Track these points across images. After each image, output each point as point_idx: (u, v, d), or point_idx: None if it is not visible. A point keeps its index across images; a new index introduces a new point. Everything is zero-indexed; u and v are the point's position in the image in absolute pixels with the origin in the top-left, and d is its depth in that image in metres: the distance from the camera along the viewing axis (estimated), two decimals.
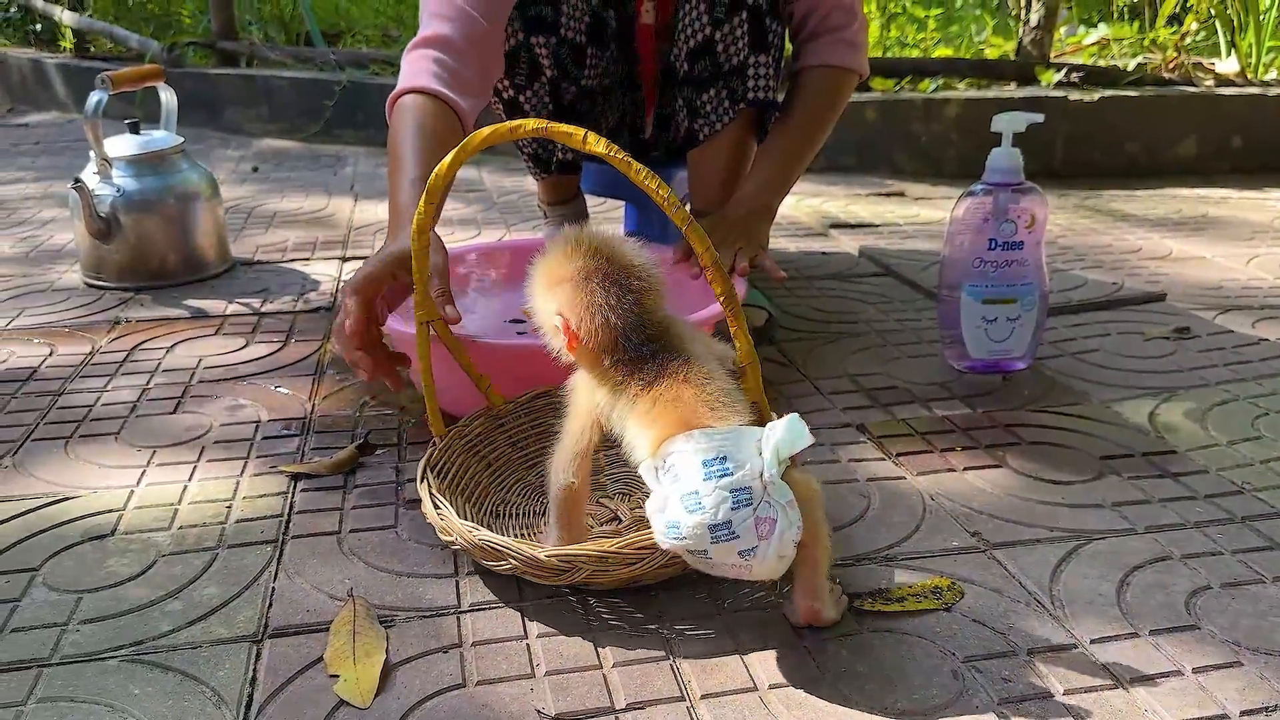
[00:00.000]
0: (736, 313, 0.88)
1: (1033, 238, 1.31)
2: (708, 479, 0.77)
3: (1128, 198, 2.38)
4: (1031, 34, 2.80)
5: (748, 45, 1.41)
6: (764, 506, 0.77)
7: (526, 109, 1.49)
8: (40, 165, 2.95)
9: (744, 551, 0.77)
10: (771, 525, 0.77)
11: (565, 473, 0.90)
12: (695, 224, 0.85)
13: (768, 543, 0.77)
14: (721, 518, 0.76)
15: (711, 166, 1.52)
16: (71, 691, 0.80)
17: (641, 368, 0.85)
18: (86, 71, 3.74)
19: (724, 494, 0.76)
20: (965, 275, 1.34)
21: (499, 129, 0.88)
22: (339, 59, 3.36)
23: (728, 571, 0.80)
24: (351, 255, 1.99)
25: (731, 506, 0.76)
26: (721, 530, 0.76)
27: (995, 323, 1.34)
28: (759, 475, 0.77)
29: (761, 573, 0.79)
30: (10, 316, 1.66)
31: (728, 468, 0.77)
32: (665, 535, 0.79)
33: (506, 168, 2.80)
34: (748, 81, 1.42)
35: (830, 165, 2.67)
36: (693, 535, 0.77)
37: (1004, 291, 1.32)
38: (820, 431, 1.22)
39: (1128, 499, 1.06)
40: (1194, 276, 1.78)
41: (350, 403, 1.32)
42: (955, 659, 0.82)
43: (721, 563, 0.78)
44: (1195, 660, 0.82)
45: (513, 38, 1.41)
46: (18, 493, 1.10)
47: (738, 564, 0.78)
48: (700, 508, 0.77)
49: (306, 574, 0.95)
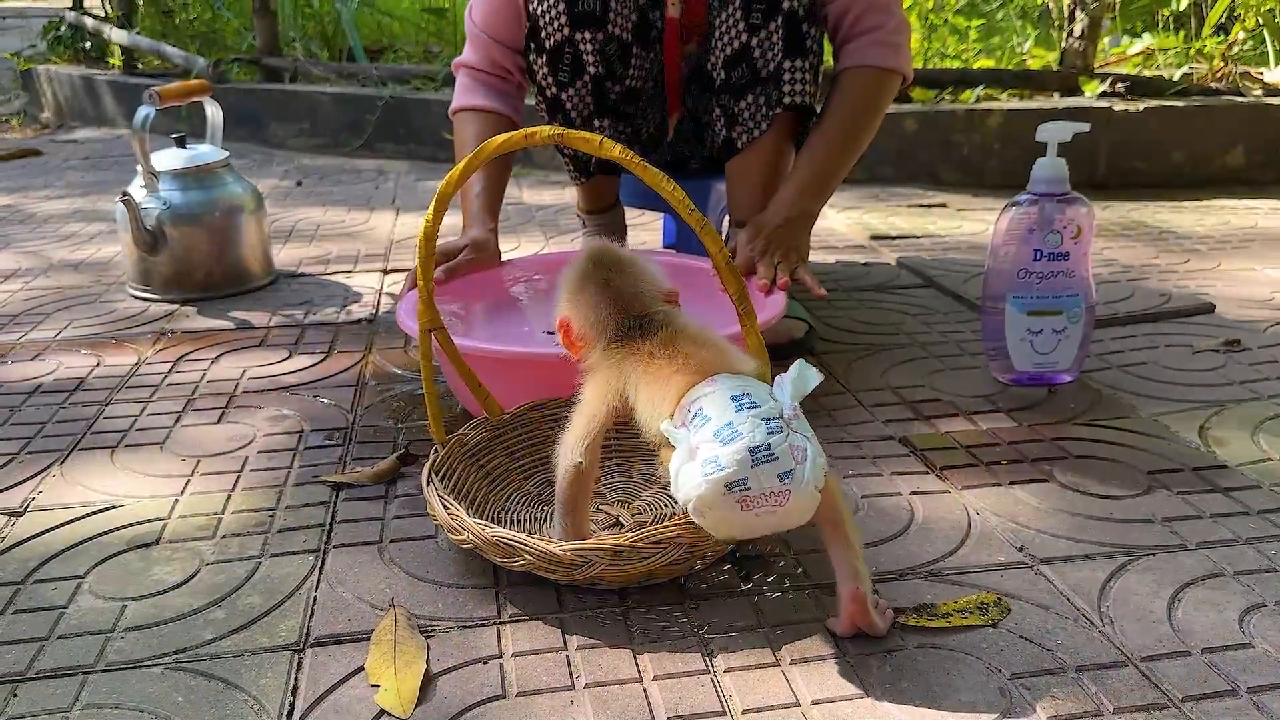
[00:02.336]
0: (749, 310, 0.92)
1: (1079, 249, 1.29)
2: (739, 410, 0.80)
3: (1174, 208, 2.35)
4: (1075, 44, 2.77)
5: (783, 50, 1.40)
6: (794, 436, 0.80)
7: (568, 107, 1.49)
8: (89, 179, 3.01)
9: (783, 474, 0.78)
10: (803, 452, 0.79)
11: (575, 452, 0.90)
12: (709, 225, 0.89)
13: (803, 467, 0.78)
14: (760, 440, 0.78)
15: (751, 175, 1.51)
16: (116, 699, 0.81)
17: (646, 339, 0.90)
18: (134, 88, 3.80)
19: (758, 420, 0.79)
20: (1010, 287, 1.32)
21: (512, 137, 0.89)
22: (381, 75, 3.39)
23: (762, 506, 0.79)
24: (393, 268, 2.00)
25: (767, 431, 0.79)
26: (761, 451, 0.78)
27: (1040, 335, 1.32)
28: (780, 412, 0.81)
29: (795, 508, 0.79)
30: (59, 327, 1.68)
31: (754, 401, 0.81)
32: (703, 474, 0.79)
33: (545, 181, 2.81)
34: (783, 86, 1.41)
35: (871, 176, 2.66)
36: (734, 462, 0.78)
37: (1050, 303, 1.31)
38: (862, 444, 1.21)
39: (1178, 514, 1.04)
40: (1243, 288, 1.75)
41: (392, 413, 1.32)
42: (1002, 676, 0.81)
43: (760, 492, 0.78)
44: (1251, 680, 0.80)
45: (557, 33, 1.42)
46: (65, 501, 1.12)
47: (776, 491, 0.78)
48: (738, 434, 0.78)
49: (348, 583, 0.95)
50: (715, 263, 0.90)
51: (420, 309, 1.01)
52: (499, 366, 1.14)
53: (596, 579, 0.88)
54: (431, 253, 0.97)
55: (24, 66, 4.57)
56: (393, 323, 1.67)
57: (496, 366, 1.14)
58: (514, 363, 1.17)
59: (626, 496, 1.10)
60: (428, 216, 0.95)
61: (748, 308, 0.92)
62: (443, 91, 3.24)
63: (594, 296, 0.94)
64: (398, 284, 1.89)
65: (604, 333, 0.92)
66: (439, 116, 3.11)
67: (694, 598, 0.91)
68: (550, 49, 1.44)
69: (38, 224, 2.45)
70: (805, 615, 0.89)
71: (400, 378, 1.44)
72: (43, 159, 3.40)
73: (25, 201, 2.72)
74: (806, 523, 0.82)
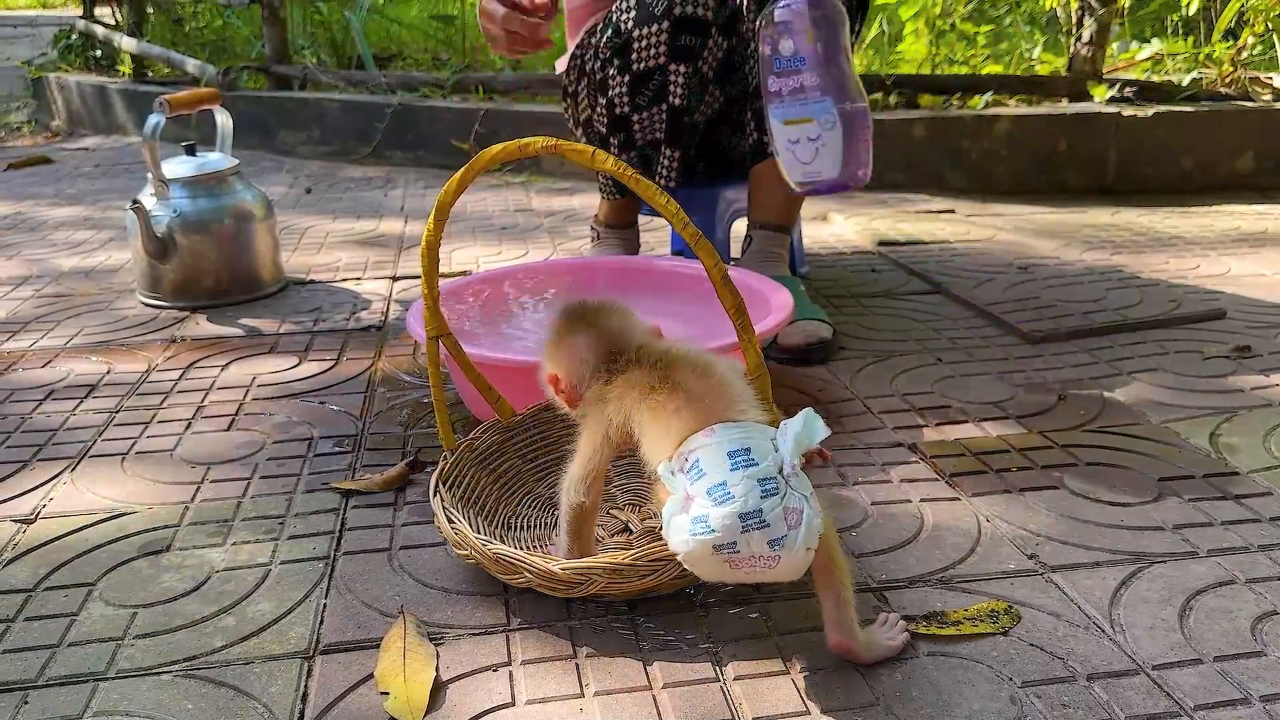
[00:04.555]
0: (746, 325, 0.90)
1: (815, 52, 1.25)
2: (735, 469, 0.77)
3: (1183, 214, 2.34)
4: (1083, 50, 2.77)
5: None
6: (790, 496, 0.77)
7: (635, 129, 1.50)
8: (99, 187, 3.02)
9: (774, 541, 0.76)
10: (799, 515, 0.77)
11: (578, 491, 0.90)
12: (703, 238, 0.88)
13: (796, 532, 0.76)
14: (752, 505, 0.76)
15: (778, 180, 1.52)
16: (126, 706, 0.81)
17: (642, 370, 0.88)
18: (144, 95, 3.82)
19: (752, 483, 0.77)
20: (768, 100, 1.29)
21: (508, 146, 0.90)
22: (390, 82, 3.40)
23: (751, 568, 0.78)
24: (402, 274, 2.00)
25: (761, 495, 0.76)
26: (752, 518, 0.76)
27: (799, 144, 1.29)
28: (780, 467, 0.78)
29: (787, 567, 0.78)
30: (69, 335, 1.69)
31: (753, 458, 0.78)
32: (691, 533, 0.77)
33: (553, 188, 2.81)
34: None
35: (879, 183, 2.65)
36: (722, 527, 0.76)
37: (798, 111, 1.27)
38: (872, 451, 1.21)
39: (1189, 521, 1.04)
40: (1254, 294, 1.75)
41: (401, 420, 1.33)
42: (1013, 684, 0.81)
43: (749, 555, 0.77)
44: (1263, 688, 0.79)
45: (651, 60, 1.43)
46: (76, 508, 1.12)
47: (765, 556, 0.77)
48: (730, 497, 0.76)
49: (357, 590, 0.95)
50: (711, 277, 0.89)
51: (426, 316, 1.01)
52: (506, 374, 1.14)
53: (599, 595, 0.89)
54: (435, 262, 0.97)
55: (35, 74, 4.59)
56: (402, 329, 1.67)
57: (504, 374, 1.14)
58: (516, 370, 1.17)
59: (637, 499, 1.10)
60: (429, 226, 0.95)
61: (745, 323, 0.91)
62: (451, 99, 3.24)
63: (579, 343, 0.92)
64: (406, 291, 1.90)
65: (597, 374, 0.91)
66: (447, 124, 3.12)
67: (703, 606, 0.91)
68: (638, 72, 1.45)
69: (48, 231, 2.46)
70: (815, 623, 0.89)
71: (410, 384, 1.44)
72: (53, 167, 3.41)
73: (36, 209, 2.74)
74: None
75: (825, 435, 0.80)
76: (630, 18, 1.46)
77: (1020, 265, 1.95)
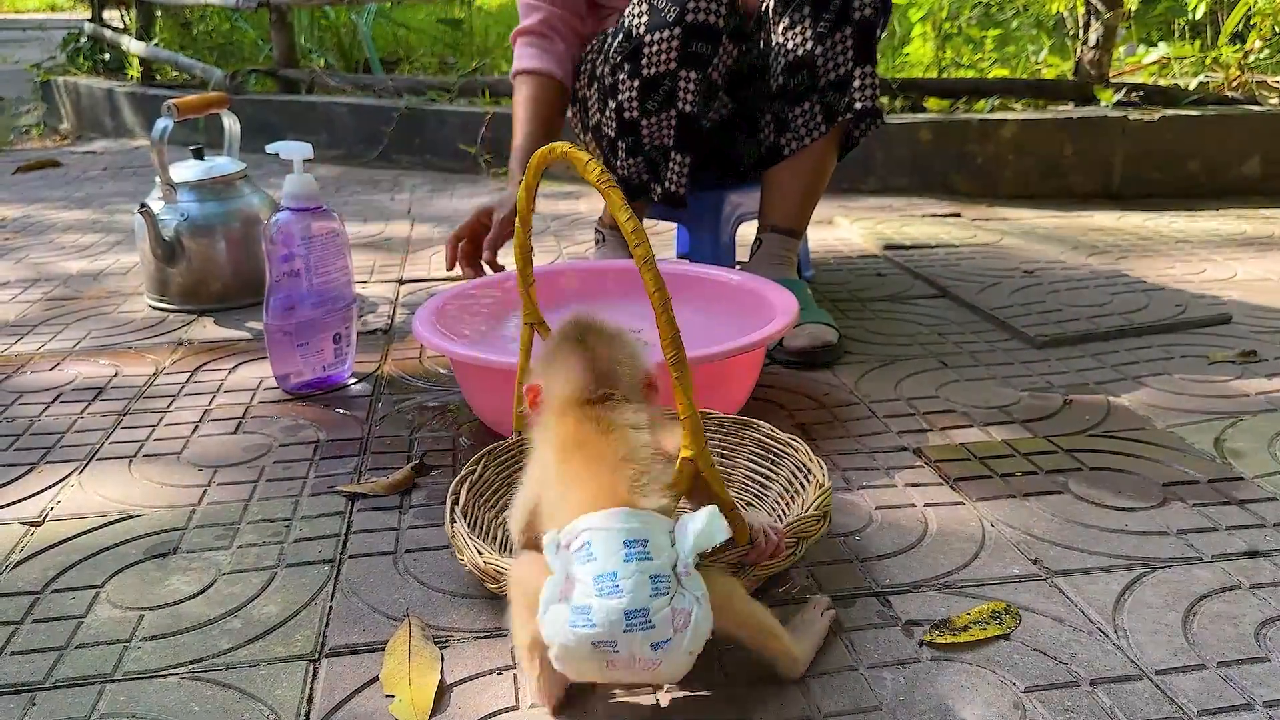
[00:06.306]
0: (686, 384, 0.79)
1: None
2: (628, 560, 0.71)
3: (1189, 218, 2.34)
4: (1090, 54, 2.77)
5: (853, 58, 1.42)
6: (680, 598, 0.72)
7: (644, 134, 1.51)
8: (107, 190, 3.03)
9: (657, 644, 0.71)
10: (687, 617, 0.72)
11: (519, 542, 0.87)
12: (652, 261, 0.77)
13: (682, 635, 0.71)
14: (639, 603, 0.70)
15: (792, 183, 1.53)
16: (134, 708, 0.81)
17: (587, 421, 0.81)
18: (152, 99, 3.83)
19: (644, 578, 0.71)
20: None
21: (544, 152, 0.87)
22: (397, 86, 3.41)
23: (629, 669, 0.73)
24: (408, 278, 2.01)
25: (650, 593, 0.71)
26: (638, 617, 0.70)
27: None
28: (673, 565, 0.73)
29: (668, 671, 0.73)
30: (77, 337, 1.70)
31: (648, 552, 0.72)
32: (571, 625, 0.71)
33: (560, 192, 2.82)
34: (853, 92, 1.43)
35: (885, 186, 2.66)
36: (606, 622, 0.70)
37: None
38: (876, 455, 1.21)
39: (1193, 526, 1.04)
40: (1260, 299, 1.74)
41: (406, 424, 1.33)
42: (1016, 689, 0.81)
43: (629, 656, 0.71)
44: (1267, 693, 0.79)
45: (662, 65, 1.44)
46: (83, 511, 1.13)
47: (646, 660, 0.71)
48: (617, 590, 0.70)
49: (363, 594, 0.96)
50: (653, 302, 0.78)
51: (525, 307, 1.01)
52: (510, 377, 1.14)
53: None
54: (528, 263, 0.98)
55: (43, 78, 4.61)
56: (408, 333, 1.68)
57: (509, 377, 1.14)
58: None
59: None
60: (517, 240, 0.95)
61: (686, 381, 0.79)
62: (458, 103, 3.25)
63: (574, 367, 0.85)
64: (413, 294, 1.90)
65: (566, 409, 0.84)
66: (454, 128, 3.13)
67: None
68: (648, 77, 1.46)
69: (56, 234, 2.47)
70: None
71: (416, 388, 1.45)
72: (62, 170, 3.43)
73: (44, 212, 2.75)
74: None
75: (726, 537, 0.75)
76: (642, 23, 1.47)
77: (1026, 269, 1.95)
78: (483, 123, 3.04)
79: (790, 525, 0.90)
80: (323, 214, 1.40)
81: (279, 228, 1.38)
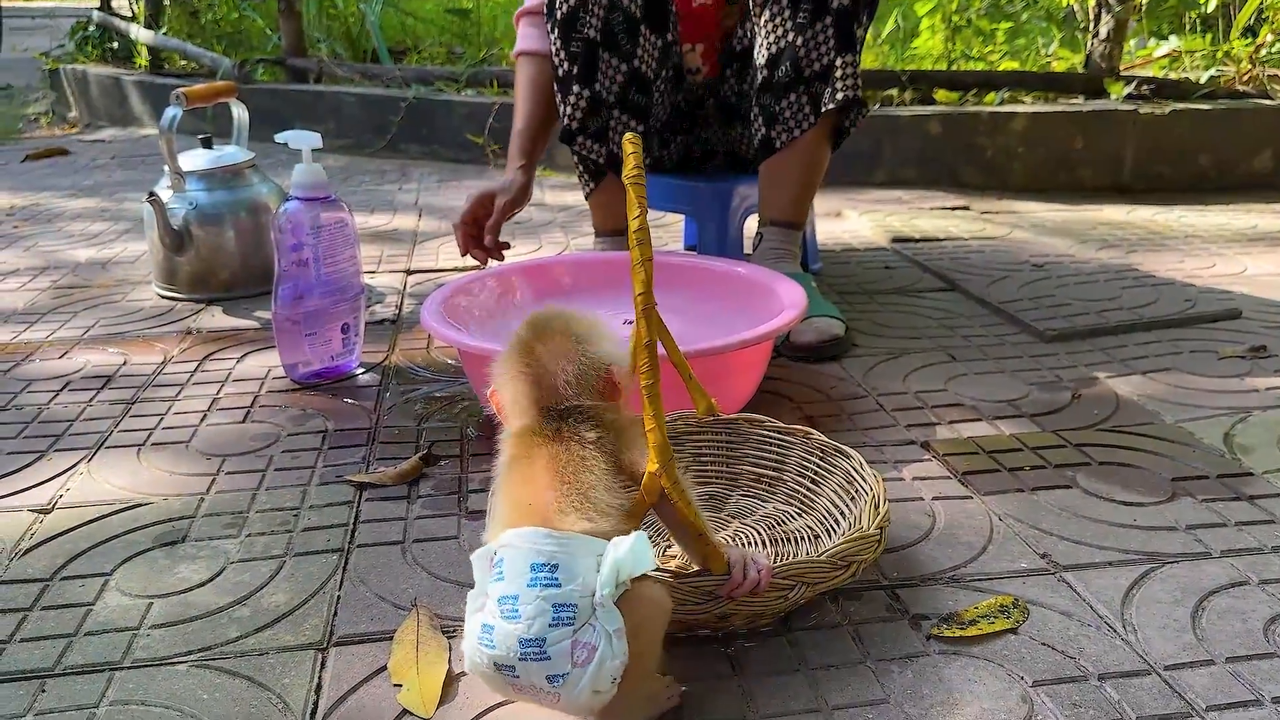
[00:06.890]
0: (655, 395, 0.75)
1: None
2: (532, 584, 0.68)
3: (1200, 212, 2.33)
4: (1100, 47, 2.76)
5: (834, 48, 1.42)
6: (586, 630, 0.68)
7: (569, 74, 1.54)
8: (116, 179, 3.03)
9: (553, 677, 0.68)
10: (591, 653, 0.68)
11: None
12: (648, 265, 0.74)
13: (582, 671, 0.67)
14: (535, 633, 0.67)
15: (790, 174, 1.52)
16: (142, 695, 0.81)
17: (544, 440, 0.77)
18: (161, 88, 3.83)
19: (544, 606, 0.68)
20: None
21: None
22: (405, 76, 3.40)
23: (534, 697, 0.71)
24: (416, 268, 2.01)
25: (550, 622, 0.67)
26: (532, 647, 0.67)
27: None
28: (590, 594, 0.69)
29: (570, 706, 0.70)
30: (86, 326, 1.70)
31: (555, 578, 0.68)
32: (479, 641, 0.70)
33: (568, 184, 2.81)
34: (835, 82, 1.43)
35: (893, 179, 2.65)
36: (504, 646, 0.68)
37: None
38: (884, 449, 1.21)
39: (1202, 522, 1.04)
40: (1270, 294, 1.74)
41: (414, 414, 1.33)
42: (1024, 683, 0.81)
43: (527, 685, 0.69)
44: (1275, 689, 0.79)
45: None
46: (92, 499, 1.13)
47: (543, 690, 0.69)
48: (515, 615, 0.68)
49: (371, 583, 0.96)
50: (635, 304, 0.76)
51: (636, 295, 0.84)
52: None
53: None
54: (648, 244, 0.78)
55: (52, 66, 4.61)
56: (415, 323, 1.68)
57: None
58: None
59: None
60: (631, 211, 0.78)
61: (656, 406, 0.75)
62: (466, 93, 3.25)
63: (515, 375, 0.80)
64: (421, 284, 1.90)
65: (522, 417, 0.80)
66: (462, 118, 3.13)
67: None
68: (562, 16, 1.50)
69: (65, 222, 2.48)
70: (828, 620, 0.89)
71: (423, 378, 1.45)
72: (70, 158, 3.43)
73: (53, 200, 2.75)
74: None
75: (651, 567, 0.70)
76: None
77: (1035, 263, 1.94)
78: (490, 113, 3.04)
79: (787, 566, 0.82)
80: (332, 204, 1.40)
81: (288, 217, 1.38)
